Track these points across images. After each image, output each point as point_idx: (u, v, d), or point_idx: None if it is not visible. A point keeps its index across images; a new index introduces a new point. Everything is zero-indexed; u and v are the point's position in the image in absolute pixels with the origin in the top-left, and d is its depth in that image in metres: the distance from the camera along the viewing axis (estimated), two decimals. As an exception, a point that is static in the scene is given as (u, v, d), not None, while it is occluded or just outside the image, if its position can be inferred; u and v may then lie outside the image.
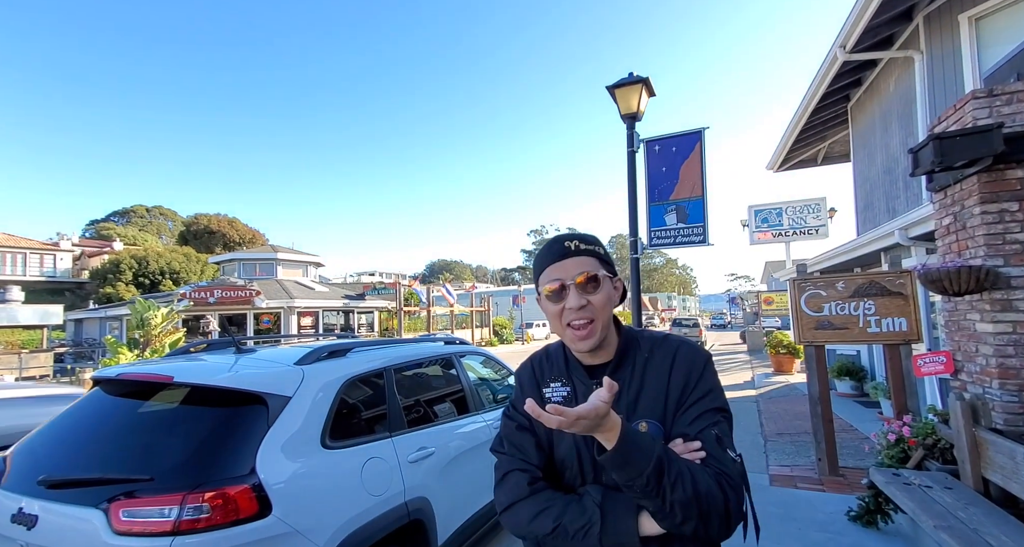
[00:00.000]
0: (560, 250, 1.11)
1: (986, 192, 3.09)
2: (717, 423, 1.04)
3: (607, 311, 1.10)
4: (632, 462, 0.91)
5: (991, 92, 3.17)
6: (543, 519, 1.02)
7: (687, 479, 0.92)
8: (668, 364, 1.11)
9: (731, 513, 0.94)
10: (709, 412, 1.05)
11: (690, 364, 1.11)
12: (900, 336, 4.32)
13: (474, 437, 3.30)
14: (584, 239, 1.13)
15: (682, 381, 1.09)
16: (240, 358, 2.57)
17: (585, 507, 1.00)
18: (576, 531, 0.98)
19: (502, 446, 1.18)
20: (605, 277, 1.10)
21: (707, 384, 1.09)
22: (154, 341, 12.02)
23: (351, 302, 25.14)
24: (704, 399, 1.07)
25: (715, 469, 0.96)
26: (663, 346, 1.15)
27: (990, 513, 2.57)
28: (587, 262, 1.09)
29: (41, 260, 37.79)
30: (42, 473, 1.99)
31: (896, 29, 6.05)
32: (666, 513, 0.92)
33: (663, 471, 0.91)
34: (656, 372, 1.12)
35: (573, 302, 1.06)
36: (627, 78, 4.92)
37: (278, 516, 1.91)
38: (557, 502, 1.04)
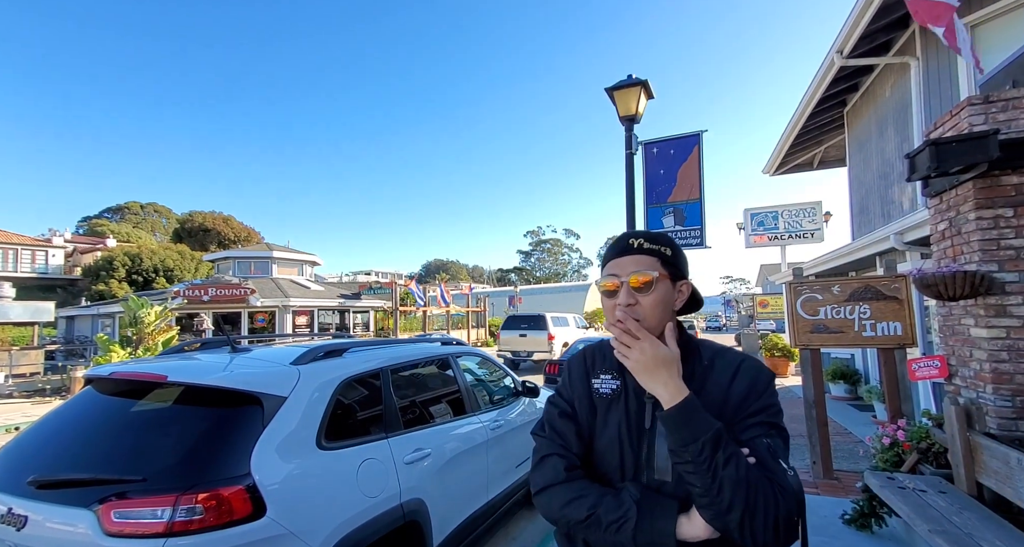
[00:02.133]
0: (622, 246, 1.12)
1: (981, 198, 3.11)
2: (772, 436, 1.01)
3: (657, 313, 1.07)
4: (692, 424, 0.93)
5: (987, 98, 3.19)
6: (577, 506, 1.03)
7: (742, 461, 0.91)
8: (730, 374, 1.08)
9: (780, 520, 0.89)
10: (765, 425, 1.02)
11: (754, 378, 1.07)
12: (895, 340, 4.34)
13: (470, 438, 3.29)
14: (651, 238, 1.12)
15: (744, 392, 1.06)
16: (235, 357, 2.55)
17: (622, 501, 0.99)
18: (610, 523, 0.98)
19: (543, 430, 1.19)
20: (661, 279, 1.08)
21: (768, 400, 1.06)
22: (147, 339, 11.92)
23: (347, 301, 25.04)
24: (762, 413, 1.04)
25: (766, 475, 0.93)
26: (725, 356, 1.13)
27: (984, 518, 2.58)
28: (645, 261, 1.09)
29: (33, 256, 37.44)
30: (32, 473, 1.96)
31: (893, 35, 6.10)
32: (713, 493, 0.90)
33: (719, 443, 0.91)
34: (716, 380, 1.08)
35: (621, 299, 1.07)
36: (626, 80, 4.92)
37: (272, 517, 1.89)
38: (593, 492, 1.04)
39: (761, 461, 0.95)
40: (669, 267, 1.10)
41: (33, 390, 13.08)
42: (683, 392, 0.98)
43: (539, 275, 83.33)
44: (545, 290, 54.73)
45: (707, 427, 0.93)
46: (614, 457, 1.09)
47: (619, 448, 1.09)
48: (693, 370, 1.10)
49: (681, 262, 1.14)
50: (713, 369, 1.10)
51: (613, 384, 1.14)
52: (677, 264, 1.13)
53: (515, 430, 3.92)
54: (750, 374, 1.08)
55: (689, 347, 1.13)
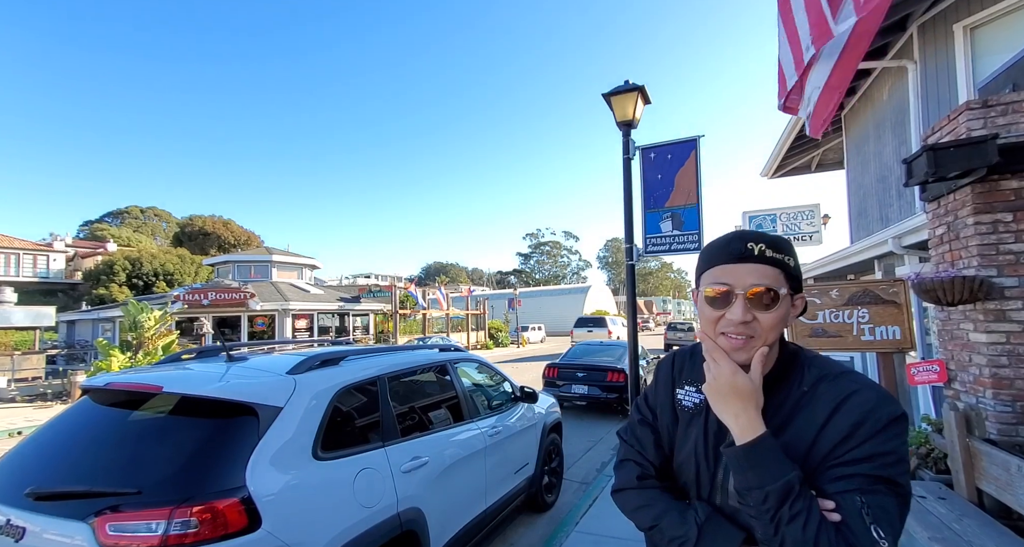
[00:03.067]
0: (739, 251, 0.94)
1: (980, 203, 3.10)
2: (870, 493, 0.83)
3: (775, 332, 0.94)
4: (760, 468, 0.85)
5: (985, 103, 3.19)
6: (644, 513, 1.04)
7: (813, 522, 0.80)
8: (831, 407, 0.91)
9: None
10: (867, 478, 0.84)
11: (864, 415, 0.88)
12: (894, 344, 4.33)
13: (468, 445, 3.28)
14: (774, 244, 0.95)
15: (845, 432, 0.88)
16: (231, 367, 2.55)
17: (686, 519, 0.97)
18: (671, 539, 0.97)
19: (627, 433, 1.18)
20: (786, 295, 0.93)
21: (881, 446, 0.86)
22: (147, 343, 11.92)
23: (346, 305, 25.04)
24: (866, 462, 0.85)
25: (846, 539, 0.80)
26: (835, 383, 0.94)
27: (984, 525, 2.56)
28: (768, 273, 0.92)
29: (34, 261, 37.48)
30: (30, 485, 1.96)
31: (890, 38, 6.10)
32: (774, 544, 0.83)
33: (789, 496, 0.82)
34: (812, 412, 0.92)
35: (736, 315, 0.92)
36: (623, 86, 4.93)
37: (268, 530, 1.89)
38: (660, 503, 1.03)
39: (846, 522, 0.81)
40: (792, 281, 0.95)
41: (35, 394, 13.07)
42: (755, 431, 0.87)
43: (538, 277, 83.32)
44: (545, 292, 54.71)
45: (776, 476, 0.83)
46: (690, 473, 1.04)
47: (695, 465, 1.03)
48: (787, 396, 0.96)
49: (800, 272, 0.99)
50: (814, 398, 0.94)
51: (696, 398, 1.06)
52: (798, 276, 0.97)
53: (514, 436, 3.91)
54: (860, 410, 0.88)
55: (791, 366, 0.99)
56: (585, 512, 4.22)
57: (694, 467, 1.03)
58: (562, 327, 45.95)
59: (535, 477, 4.26)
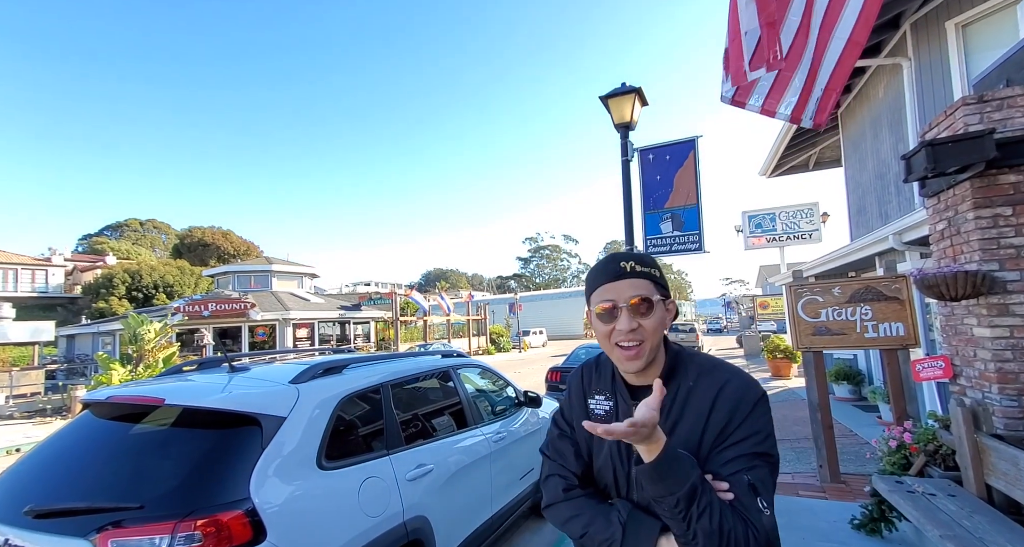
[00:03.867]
0: (615, 270, 1.10)
1: (979, 197, 3.10)
2: (754, 468, 0.99)
3: (658, 334, 1.08)
4: (667, 479, 0.93)
5: (981, 98, 3.19)
6: (574, 524, 1.11)
7: (716, 512, 0.92)
8: (711, 397, 1.06)
9: None
10: (747, 456, 1.00)
11: (736, 401, 1.04)
12: (898, 341, 4.31)
13: (473, 451, 3.26)
14: (640, 260, 1.12)
15: (724, 419, 1.03)
16: (233, 377, 2.52)
17: (611, 521, 1.05)
18: (600, 542, 1.05)
19: (548, 448, 1.26)
20: (659, 301, 1.09)
21: (752, 426, 1.02)
22: (148, 356, 11.87)
23: (347, 313, 25.00)
24: (744, 442, 1.01)
25: (741, 515, 0.93)
26: (710, 376, 1.10)
27: (994, 521, 2.54)
28: (641, 285, 1.08)
29: (33, 276, 37.46)
30: (29, 502, 1.92)
31: (884, 36, 6.13)
32: (687, 538, 0.93)
33: (695, 497, 0.92)
34: (697, 404, 1.07)
35: (624, 325, 1.06)
36: (620, 88, 4.94)
37: (273, 542, 1.86)
38: (587, 510, 1.11)
39: (739, 498, 0.95)
40: (660, 289, 1.12)
41: (34, 410, 13.02)
42: (660, 445, 0.93)
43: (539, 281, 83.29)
44: (545, 296, 54.67)
45: (681, 481, 0.92)
46: (608, 475, 1.14)
47: (612, 468, 1.13)
48: (677, 391, 1.10)
49: (665, 281, 1.15)
50: (696, 392, 1.08)
51: (607, 405, 1.17)
52: (664, 284, 1.14)
53: (518, 441, 3.88)
54: (733, 398, 1.05)
55: (676, 366, 1.13)
56: (592, 517, 4.18)
57: (611, 469, 1.13)
58: (564, 331, 45.91)
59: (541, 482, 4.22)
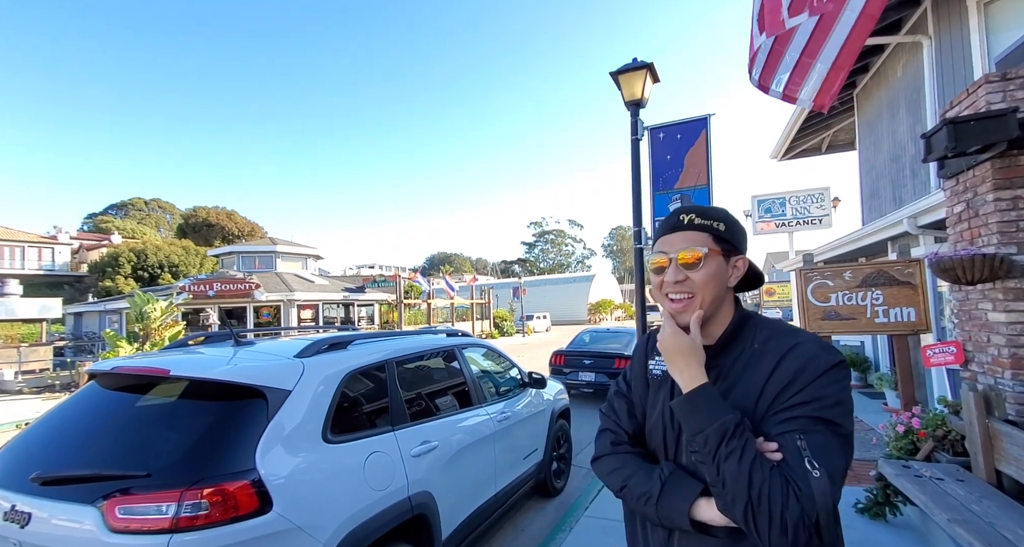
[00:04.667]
0: (672, 223, 1.10)
1: (1000, 178, 3.02)
2: (811, 432, 0.90)
3: (711, 288, 1.04)
4: (699, 413, 0.94)
5: (1004, 76, 3.08)
6: (616, 476, 1.12)
7: (747, 458, 0.88)
8: (777, 358, 0.99)
9: (787, 521, 0.84)
10: (806, 419, 0.91)
11: (804, 363, 0.96)
12: (908, 326, 4.26)
13: (477, 430, 3.26)
14: (703, 213, 1.08)
15: (786, 379, 0.96)
16: (239, 351, 2.51)
17: (651, 477, 1.05)
18: (639, 496, 1.05)
19: (606, 407, 1.28)
20: (712, 255, 1.04)
21: (819, 390, 0.93)
22: (154, 334, 11.96)
23: (351, 295, 25.08)
24: (806, 405, 0.92)
25: (783, 473, 0.87)
26: (780, 339, 1.03)
27: (1004, 506, 2.52)
28: (695, 238, 1.06)
29: (39, 253, 37.70)
30: (35, 470, 1.93)
31: (904, 13, 5.93)
32: (718, 485, 0.91)
33: (724, 436, 0.90)
34: (760, 366, 1.01)
35: (670, 276, 1.06)
36: (631, 64, 4.81)
37: (279, 512, 1.86)
38: (630, 466, 1.11)
39: (785, 459, 0.89)
40: (722, 243, 1.06)
41: (43, 386, 13.20)
42: (696, 380, 0.98)
43: (543, 266, 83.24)
44: (549, 281, 54.69)
45: (713, 418, 0.92)
46: (658, 436, 1.13)
47: (662, 428, 1.11)
48: (740, 354, 1.05)
49: (737, 237, 1.09)
50: (763, 353, 1.02)
51: (664, 366, 1.14)
52: (731, 239, 1.08)
53: (522, 422, 3.89)
54: (800, 360, 0.96)
55: (743, 328, 1.09)
56: (594, 498, 4.21)
57: (661, 430, 1.12)
58: (567, 316, 46.02)
59: (544, 463, 4.25)
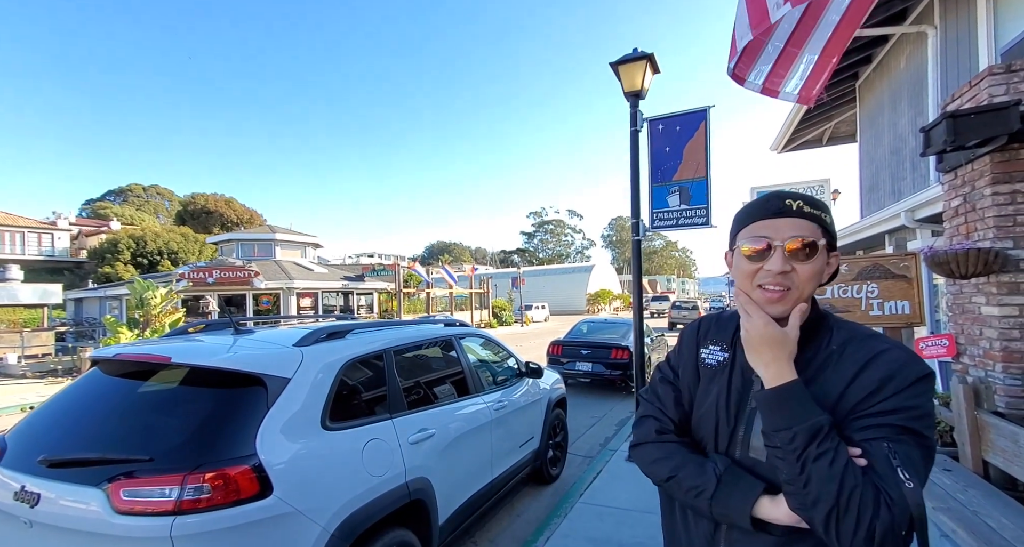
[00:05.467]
0: (777, 207, 0.99)
1: (998, 172, 3.02)
2: (898, 442, 0.86)
3: (811, 285, 0.97)
4: (789, 410, 0.89)
5: (1009, 68, 3.07)
6: (661, 465, 1.06)
7: (840, 460, 0.83)
8: (861, 364, 0.94)
9: (876, 532, 0.79)
10: (893, 428, 0.87)
11: (893, 372, 0.91)
12: (902, 319, 4.29)
13: (474, 419, 3.31)
14: (810, 201, 1.00)
15: (872, 386, 0.91)
16: (238, 339, 2.54)
17: (705, 470, 1.00)
18: (689, 488, 1.00)
19: (647, 393, 1.21)
20: (824, 248, 0.97)
21: (908, 401, 0.88)
22: (154, 321, 12.03)
23: (350, 283, 25.11)
24: (893, 414, 0.88)
25: (873, 481, 0.83)
26: (863, 343, 0.97)
27: (989, 495, 2.58)
28: (806, 227, 0.97)
29: (39, 239, 37.63)
30: (42, 452, 1.98)
31: (910, 3, 5.87)
32: (799, 484, 0.86)
33: (817, 436, 0.85)
34: (839, 369, 0.96)
35: (775, 265, 0.95)
36: (631, 54, 4.77)
37: (279, 496, 1.91)
38: (677, 456, 1.05)
39: (872, 465, 0.84)
40: (828, 236, 0.99)
41: (45, 371, 13.30)
42: (786, 376, 0.92)
43: (542, 256, 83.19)
44: (549, 272, 54.70)
45: (804, 417, 0.87)
46: (709, 428, 1.06)
47: (715, 420, 1.05)
48: (815, 354, 1.00)
49: (835, 231, 1.03)
50: (842, 357, 0.97)
51: (720, 356, 1.10)
52: (834, 234, 1.02)
53: (519, 410, 3.94)
54: (888, 368, 0.91)
55: (819, 327, 1.02)
56: (589, 485, 4.29)
57: (714, 421, 1.05)
58: (566, 306, 46.11)
59: (540, 451, 4.31)
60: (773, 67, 3.88)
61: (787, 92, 3.95)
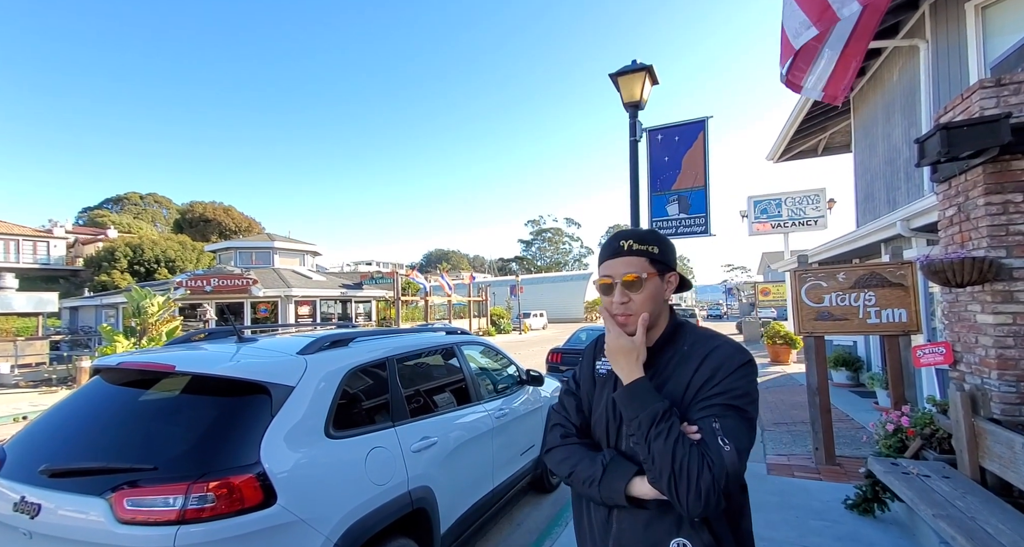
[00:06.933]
0: (614, 248, 1.24)
1: (991, 183, 3.08)
2: (722, 417, 1.07)
3: (647, 306, 1.20)
4: (635, 401, 1.11)
5: (999, 82, 3.14)
6: (564, 464, 1.24)
7: (671, 438, 1.04)
8: (700, 358, 1.17)
9: (702, 489, 0.99)
10: (720, 406, 1.09)
11: (721, 361, 1.14)
12: (899, 327, 4.33)
13: (475, 427, 3.31)
14: (640, 238, 1.23)
15: (707, 375, 1.14)
16: (242, 347, 2.55)
17: (595, 462, 1.18)
18: (584, 479, 1.18)
19: (556, 404, 1.40)
20: (650, 278, 1.20)
21: (731, 384, 1.11)
22: (151, 329, 11.97)
23: (348, 291, 25.08)
24: (720, 395, 1.10)
25: (700, 451, 1.03)
26: (704, 343, 1.20)
27: (987, 502, 2.60)
28: (635, 263, 1.21)
29: (34, 247, 37.46)
30: (44, 462, 1.97)
31: (902, 17, 5.99)
32: (649, 462, 1.06)
33: (655, 420, 1.07)
34: (686, 366, 1.18)
35: (617, 297, 1.20)
36: (630, 65, 4.85)
37: (283, 505, 1.91)
38: (577, 454, 1.24)
39: (703, 439, 1.05)
40: (657, 265, 1.22)
41: (39, 380, 13.20)
42: (634, 375, 1.15)
43: (540, 264, 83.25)
44: (547, 280, 54.72)
45: (646, 405, 1.09)
46: (601, 427, 1.26)
47: (605, 420, 1.25)
48: (672, 355, 1.22)
49: (669, 256, 1.25)
50: (689, 355, 1.20)
51: (608, 366, 1.28)
52: (664, 260, 1.24)
53: (519, 418, 3.94)
54: (717, 359, 1.15)
55: (675, 334, 1.26)
56: (590, 492, 4.27)
57: (604, 421, 1.25)
58: (564, 314, 46.10)
59: (540, 459, 4.31)
60: (795, 60, 3.94)
61: (808, 88, 4.01)
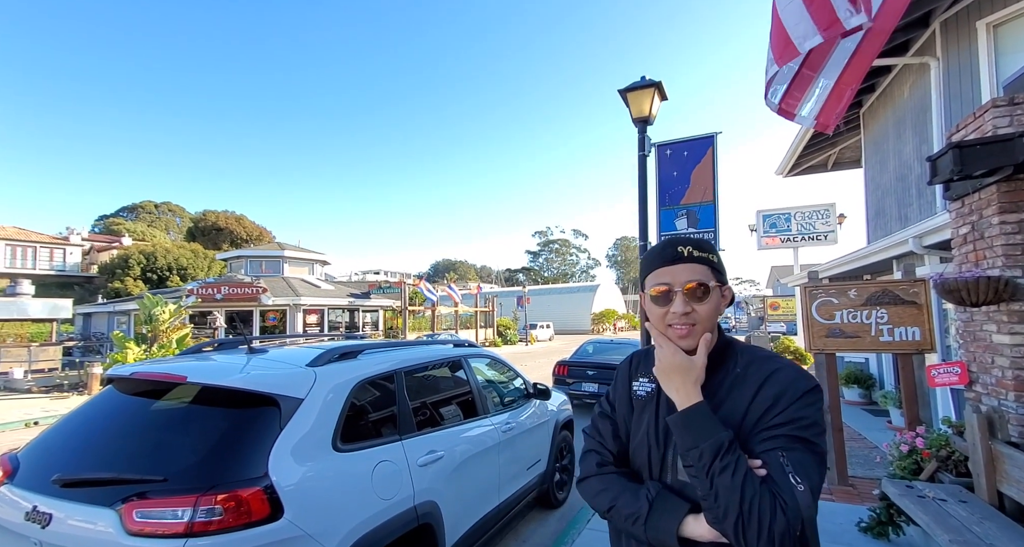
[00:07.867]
0: (672, 255, 1.12)
1: (1005, 202, 3.05)
2: (789, 450, 0.97)
3: (711, 320, 1.10)
4: (695, 429, 0.98)
5: (1012, 100, 3.13)
6: (602, 497, 1.13)
7: (740, 472, 0.92)
8: (759, 382, 1.06)
9: (776, 532, 0.89)
10: (786, 438, 0.98)
11: (784, 387, 1.03)
12: (913, 345, 4.27)
13: (482, 441, 3.29)
14: (699, 245, 1.13)
15: (768, 402, 1.03)
16: (252, 358, 2.57)
17: (638, 497, 1.07)
18: (627, 516, 1.06)
19: (590, 428, 1.29)
20: (715, 287, 1.10)
21: (797, 412, 1.00)
22: (162, 337, 12.08)
23: (356, 300, 25.19)
24: (786, 425, 0.99)
25: (770, 489, 0.92)
26: (761, 364, 1.09)
27: (1005, 528, 2.53)
28: (698, 270, 1.09)
29: (51, 254, 38.13)
30: (56, 472, 1.99)
31: (912, 35, 6.00)
32: (711, 498, 0.94)
33: (719, 451, 0.94)
34: (744, 389, 1.07)
35: (679, 307, 1.08)
36: (639, 82, 4.90)
37: (290, 519, 1.91)
38: (616, 486, 1.12)
39: (770, 474, 0.95)
40: (717, 274, 1.12)
41: (51, 385, 13.31)
42: (692, 399, 1.02)
43: (547, 275, 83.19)
44: (554, 291, 54.62)
45: (708, 434, 0.97)
46: (643, 455, 1.14)
47: (647, 447, 1.14)
48: (724, 377, 1.10)
49: (723, 267, 1.15)
50: (745, 377, 1.08)
51: (648, 387, 1.19)
52: (722, 270, 1.14)
53: (526, 432, 3.92)
54: (779, 384, 1.04)
55: (726, 353, 1.14)
56: (597, 509, 4.22)
57: (646, 449, 1.14)
58: (571, 325, 45.89)
59: (547, 474, 4.27)
60: (789, 88, 3.94)
61: (802, 116, 4.00)
